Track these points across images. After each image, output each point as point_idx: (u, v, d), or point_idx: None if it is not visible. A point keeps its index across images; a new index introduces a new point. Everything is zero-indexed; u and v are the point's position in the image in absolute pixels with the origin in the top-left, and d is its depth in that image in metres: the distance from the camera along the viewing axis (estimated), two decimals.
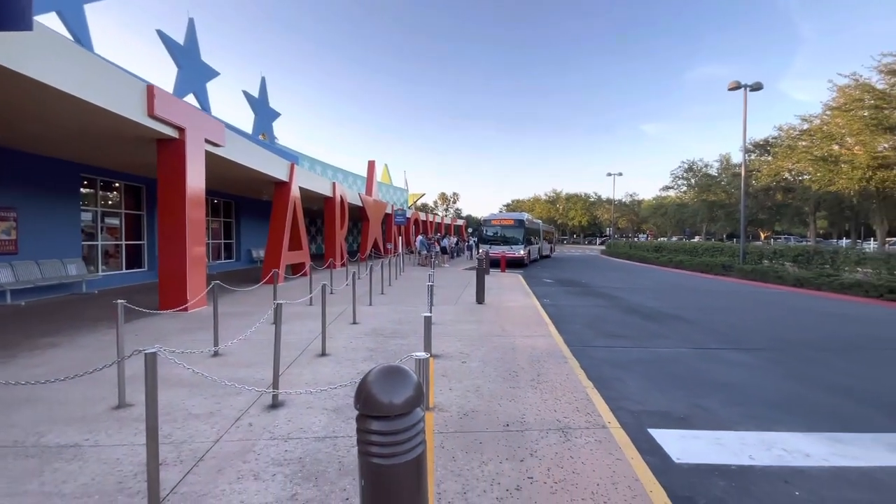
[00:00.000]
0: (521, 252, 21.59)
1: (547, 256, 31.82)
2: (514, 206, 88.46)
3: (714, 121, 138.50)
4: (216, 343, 5.34)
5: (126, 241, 12.57)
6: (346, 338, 6.28)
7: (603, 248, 43.78)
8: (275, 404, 3.78)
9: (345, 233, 19.37)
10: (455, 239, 30.63)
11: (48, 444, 3.06)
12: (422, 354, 2.28)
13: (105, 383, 4.19)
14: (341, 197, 18.65)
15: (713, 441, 3.35)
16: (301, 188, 14.65)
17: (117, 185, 12.34)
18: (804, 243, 29.16)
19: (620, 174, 44.55)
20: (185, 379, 4.38)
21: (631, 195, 76.60)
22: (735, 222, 36.71)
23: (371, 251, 22.19)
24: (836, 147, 22.56)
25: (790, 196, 31.64)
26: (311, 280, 10.27)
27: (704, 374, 5.03)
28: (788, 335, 7.15)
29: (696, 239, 45.83)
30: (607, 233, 65.69)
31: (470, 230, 52.01)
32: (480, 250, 20.77)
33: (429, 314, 3.74)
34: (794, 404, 4.16)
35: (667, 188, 49.29)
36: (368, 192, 26.65)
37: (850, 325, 8.04)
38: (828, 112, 22.89)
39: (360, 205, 21.61)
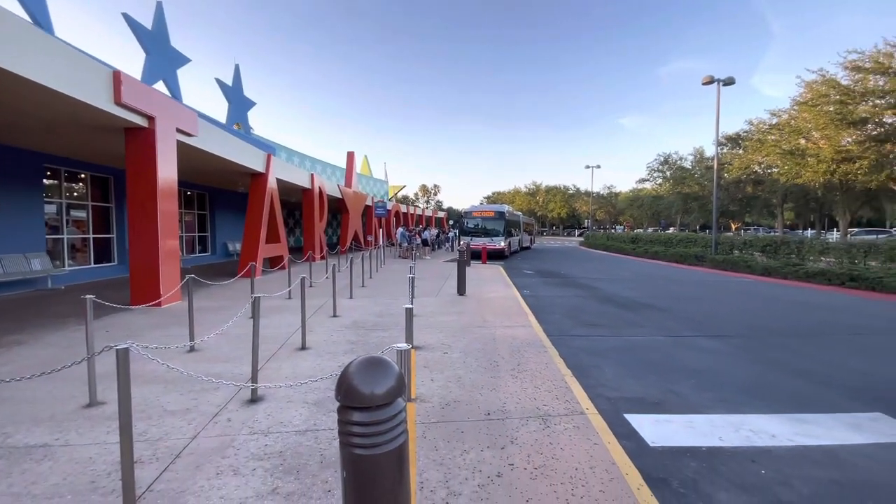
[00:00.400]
0: (502, 244, 21.75)
1: (527, 248, 32.14)
2: (494, 199, 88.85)
3: (689, 115, 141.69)
4: (192, 338, 5.22)
5: (94, 234, 12.09)
6: (326, 331, 6.22)
7: (581, 239, 44.50)
8: (254, 399, 3.73)
9: (324, 225, 19.10)
10: (436, 231, 30.59)
11: (16, 445, 2.94)
12: (403, 346, 2.28)
13: (75, 381, 4.05)
14: (320, 188, 18.35)
15: (685, 424, 3.48)
16: (278, 179, 14.34)
17: (83, 175, 11.82)
18: (772, 234, 30.26)
19: (598, 167, 45.29)
20: (160, 375, 4.28)
21: (608, 187, 77.88)
22: (708, 214, 37.84)
23: (351, 244, 21.96)
24: (802, 141, 23.42)
25: (759, 188, 32.74)
26: (289, 273, 10.11)
27: (677, 361, 5.20)
28: (756, 322, 7.45)
29: (671, 230, 47.03)
30: (586, 224, 66.79)
31: (451, 222, 52.07)
32: (461, 242, 20.83)
33: (410, 306, 3.74)
34: (761, 388, 4.35)
35: (643, 181, 50.37)
36: (348, 183, 26.30)
37: (814, 312, 8.43)
38: (795, 107, 23.70)
39: (340, 196, 21.33)
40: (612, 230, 62.76)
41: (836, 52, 39.72)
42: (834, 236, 31.13)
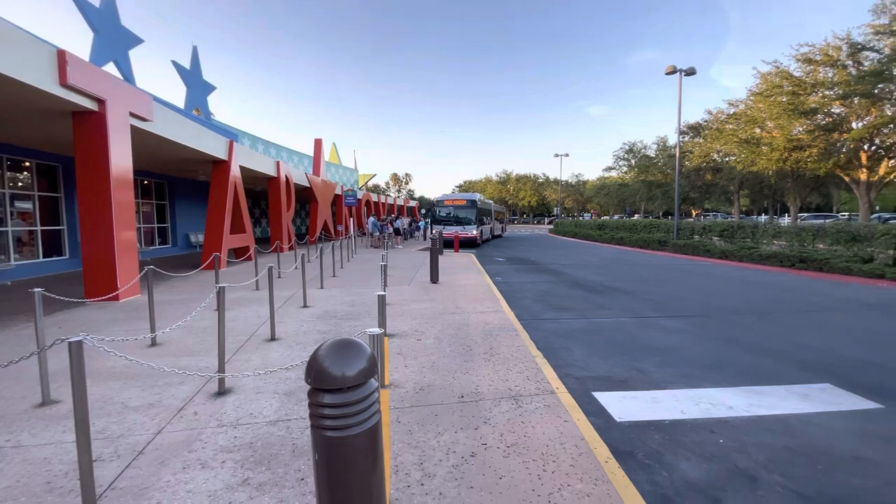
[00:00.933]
0: (474, 232, 21.86)
1: (499, 236, 32.46)
2: (466, 187, 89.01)
3: (653, 104, 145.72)
4: (153, 331, 5.01)
5: (42, 226, 11.33)
6: (296, 321, 6.11)
7: (551, 227, 45.30)
8: (222, 391, 3.62)
9: (291, 214, 18.62)
10: (408, 220, 30.39)
11: None
12: (376, 330, 2.26)
13: (25, 380, 3.82)
14: (287, 177, 17.84)
15: (650, 400, 3.63)
16: (242, 167, 13.83)
17: (28, 164, 11.01)
18: (729, 220, 31.72)
19: (567, 155, 46.15)
20: (120, 371, 4.09)
21: (576, 176, 79.49)
22: (670, 201, 39.29)
23: (321, 234, 21.54)
24: (758, 130, 24.51)
25: (718, 176, 34.19)
26: (256, 264, 9.83)
27: (642, 341, 5.40)
28: (715, 302, 7.83)
29: (636, 217, 48.57)
30: (555, 212, 68.03)
31: (423, 211, 51.80)
32: (434, 231, 20.79)
33: (383, 293, 3.71)
34: (719, 363, 4.58)
35: (609, 169, 51.60)
36: (316, 171, 25.70)
37: (767, 292, 8.93)
38: (752, 97, 24.73)
39: (308, 185, 20.82)
40: (581, 217, 64.25)
41: (789, 45, 41.56)
42: (785, 221, 32.99)
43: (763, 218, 41.93)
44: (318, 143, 26.89)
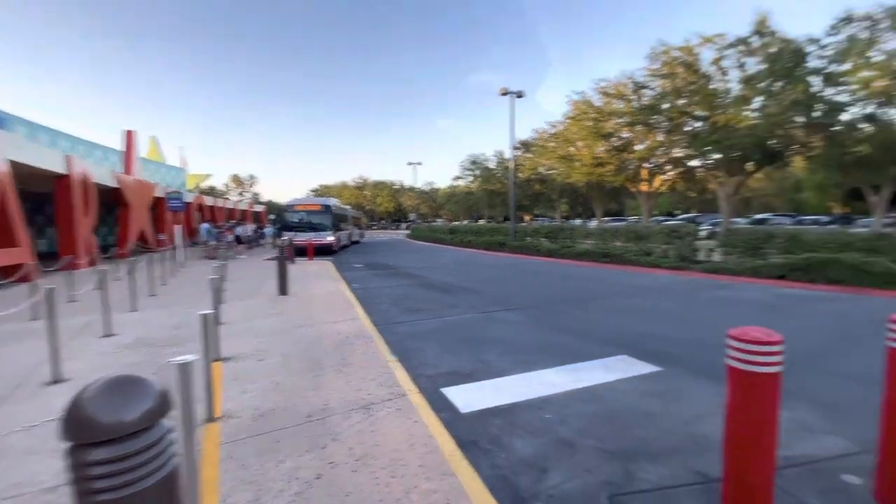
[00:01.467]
0: (330, 238, 20.99)
1: (357, 242, 31.87)
2: (321, 192, 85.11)
3: (494, 120, 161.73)
4: None
5: None
6: (94, 355, 4.92)
7: (408, 232, 46.47)
8: None
9: (92, 222, 15.10)
10: (253, 226, 27.52)
11: None
12: (188, 357, 1.91)
13: None
14: (84, 175, 14.41)
15: (492, 388, 3.94)
16: (13, 162, 10.66)
17: None
18: (553, 223, 37.15)
19: (420, 164, 48.12)
20: None
21: (429, 184, 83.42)
22: (508, 207, 44.16)
23: (136, 244, 17.96)
24: (572, 149, 29.34)
25: (544, 186, 39.83)
26: (36, 286, 7.65)
27: (486, 334, 5.87)
28: (542, 294, 9.02)
29: (482, 222, 53.30)
30: (411, 218, 70.22)
31: (272, 217, 47.65)
32: (284, 237, 19.27)
33: (209, 311, 3.21)
34: (548, 347, 5.25)
35: (457, 178, 55.55)
36: (128, 170, 21.44)
37: (582, 283, 10.67)
38: (567, 120, 29.52)
39: (115, 186, 17.17)
40: (434, 223, 67.50)
41: (592, 80, 50.88)
42: (593, 224, 40.10)
43: (578, 221, 50.29)
44: (129, 136, 22.43)
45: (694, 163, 24.52)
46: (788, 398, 3.64)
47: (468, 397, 3.74)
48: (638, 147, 25.91)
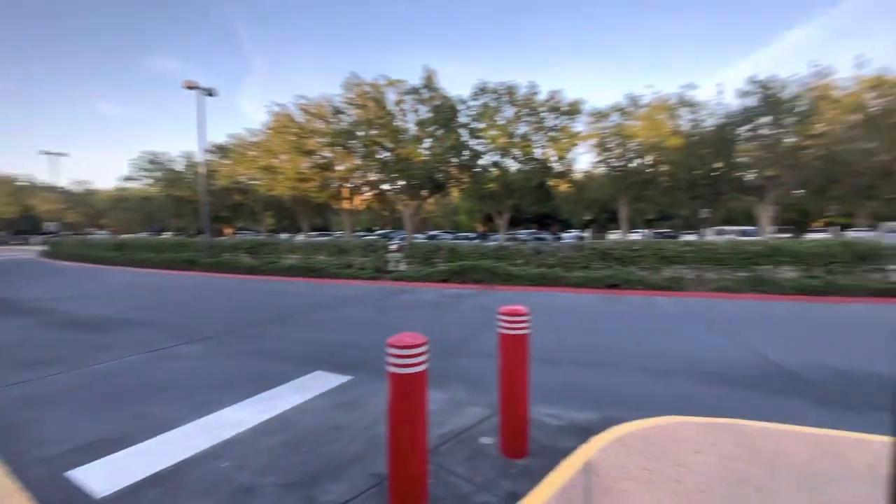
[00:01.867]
0: None
1: None
2: None
3: (180, 117, 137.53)
4: None
5: None
6: None
7: (45, 248, 32.94)
8: None
9: None
10: None
11: None
12: None
13: None
14: None
15: (149, 451, 3.12)
16: None
17: None
18: (258, 237, 34.86)
19: (67, 155, 35.16)
20: None
21: (82, 183, 62.50)
22: (202, 218, 38.34)
23: None
24: (275, 161, 28.33)
25: (246, 197, 36.79)
26: None
27: (152, 379, 4.70)
28: (238, 316, 8.12)
29: (166, 234, 44.08)
30: (51, 229, 50.31)
31: None
32: None
33: None
34: (233, 380, 4.64)
35: (129, 179, 43.96)
36: None
37: (284, 299, 10.26)
38: (268, 130, 28.30)
39: None
40: (93, 235, 50.95)
41: (293, 95, 50.83)
42: (300, 238, 40.00)
43: (284, 235, 48.97)
44: None
45: (385, 186, 28.28)
46: (446, 380, 4.52)
47: (111, 472, 2.81)
48: (339, 167, 27.65)
